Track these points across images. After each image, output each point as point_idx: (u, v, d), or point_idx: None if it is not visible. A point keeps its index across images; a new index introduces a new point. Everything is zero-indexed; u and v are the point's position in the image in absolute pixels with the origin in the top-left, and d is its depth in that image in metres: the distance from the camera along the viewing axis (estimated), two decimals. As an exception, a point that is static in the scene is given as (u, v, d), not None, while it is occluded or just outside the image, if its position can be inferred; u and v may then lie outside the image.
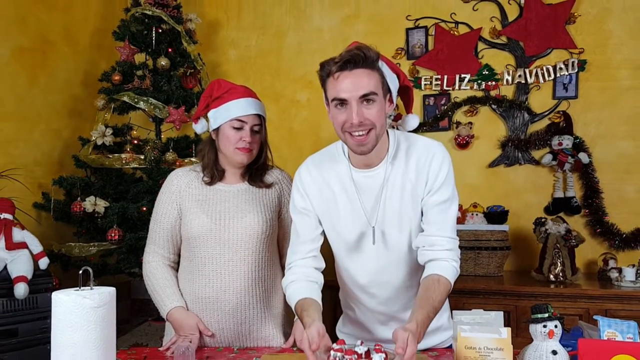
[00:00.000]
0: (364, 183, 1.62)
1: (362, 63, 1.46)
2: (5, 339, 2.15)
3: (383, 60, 1.54)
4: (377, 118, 1.48)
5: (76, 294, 1.22)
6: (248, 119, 1.83)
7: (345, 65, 1.45)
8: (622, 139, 3.08)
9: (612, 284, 2.69)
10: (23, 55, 2.92)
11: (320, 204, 1.66)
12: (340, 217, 1.64)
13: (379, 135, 1.52)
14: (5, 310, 2.16)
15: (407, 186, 1.60)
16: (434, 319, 1.57)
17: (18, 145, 2.88)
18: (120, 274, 2.89)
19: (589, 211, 3.07)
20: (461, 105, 3.28)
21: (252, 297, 1.86)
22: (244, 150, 1.82)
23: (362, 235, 1.63)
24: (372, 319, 1.74)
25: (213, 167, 1.91)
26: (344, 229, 1.64)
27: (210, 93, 1.89)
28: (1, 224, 2.21)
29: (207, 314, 1.85)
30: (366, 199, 1.62)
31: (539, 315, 1.39)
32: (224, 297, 1.84)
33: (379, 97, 1.48)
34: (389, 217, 1.60)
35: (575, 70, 3.12)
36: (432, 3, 3.36)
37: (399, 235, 1.61)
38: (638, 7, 3.05)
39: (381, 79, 1.50)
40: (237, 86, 1.89)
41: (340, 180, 1.64)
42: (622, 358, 1.31)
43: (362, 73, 1.46)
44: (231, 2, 3.70)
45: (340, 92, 1.47)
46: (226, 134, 1.83)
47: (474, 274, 2.95)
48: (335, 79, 1.48)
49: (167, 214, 1.90)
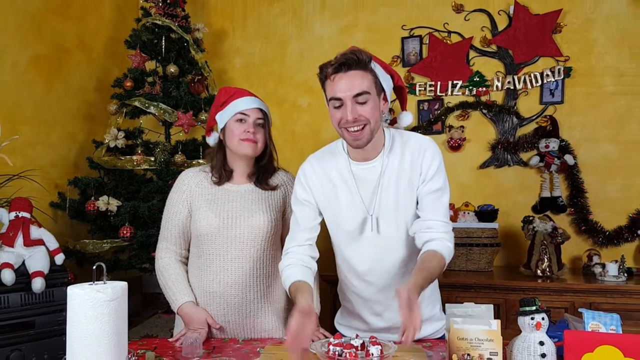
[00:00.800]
0: (362, 175, 1.66)
1: (356, 65, 1.52)
2: (23, 330, 2.14)
3: (377, 62, 1.59)
4: (370, 114, 1.53)
5: (90, 288, 1.23)
6: (251, 112, 1.84)
7: (340, 68, 1.52)
8: (605, 142, 3.08)
9: (596, 278, 2.69)
10: (40, 62, 2.92)
11: (321, 196, 1.70)
12: (341, 207, 1.68)
13: (373, 130, 1.57)
14: (23, 304, 2.16)
15: (403, 177, 1.64)
16: (428, 309, 1.67)
17: (35, 148, 2.88)
18: (132, 269, 2.89)
19: (574, 210, 3.07)
20: (453, 109, 3.28)
21: (257, 292, 1.86)
22: (248, 141, 1.82)
23: (361, 224, 1.66)
24: (368, 311, 1.75)
25: (221, 168, 1.91)
26: (344, 219, 1.68)
27: (217, 101, 1.91)
28: (19, 221, 2.21)
29: (214, 307, 1.85)
30: (364, 189, 1.66)
31: (527, 308, 1.39)
32: (230, 292, 1.84)
33: (372, 95, 1.54)
34: (386, 206, 1.64)
35: (561, 77, 3.12)
36: (426, 13, 3.36)
37: (395, 223, 1.65)
38: (620, 18, 3.06)
39: (374, 79, 1.55)
40: (240, 89, 1.92)
41: (340, 173, 1.68)
42: (606, 349, 1.31)
43: (356, 74, 1.52)
44: (237, 13, 3.70)
45: (336, 92, 1.53)
46: (231, 128, 1.84)
47: (466, 269, 2.95)
48: (332, 80, 1.54)
49: (178, 211, 1.90)
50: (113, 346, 1.22)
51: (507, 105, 3.21)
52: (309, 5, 3.56)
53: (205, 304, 1.86)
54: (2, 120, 2.63)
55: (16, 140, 2.63)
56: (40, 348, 2.18)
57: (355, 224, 1.67)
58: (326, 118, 1.83)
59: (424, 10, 3.36)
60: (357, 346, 1.30)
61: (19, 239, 2.18)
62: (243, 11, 3.68)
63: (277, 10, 3.62)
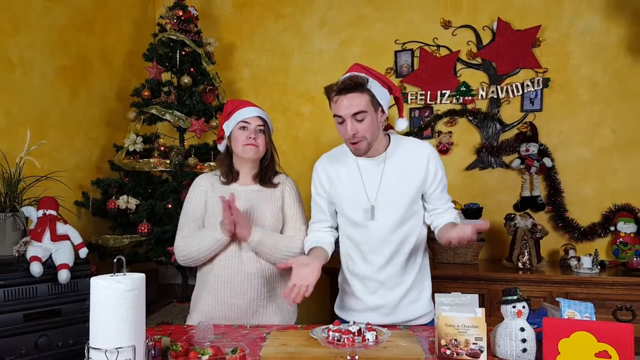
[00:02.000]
0: (367, 170, 1.78)
1: (353, 88, 1.63)
2: (50, 318, 2.15)
3: (375, 78, 1.69)
4: (366, 130, 1.67)
5: (111, 279, 1.23)
6: (252, 120, 1.90)
7: (340, 91, 1.64)
8: (580, 146, 3.08)
9: (571, 270, 2.69)
10: (65, 73, 2.93)
11: (331, 189, 1.83)
12: (348, 198, 1.79)
13: (370, 142, 1.70)
14: (50, 293, 2.16)
15: (402, 172, 1.75)
16: (417, 293, 1.81)
17: (61, 152, 2.89)
18: (149, 262, 2.89)
19: (552, 208, 3.07)
20: (442, 117, 3.28)
21: (261, 278, 1.88)
22: (250, 145, 1.87)
23: (364, 212, 1.76)
24: (365, 290, 1.81)
25: (228, 170, 1.96)
26: (350, 209, 1.78)
27: (224, 113, 1.97)
28: (47, 219, 2.21)
29: (224, 292, 1.86)
30: (368, 182, 1.76)
31: (509, 298, 1.39)
32: (237, 279, 1.86)
33: (368, 113, 1.66)
34: (387, 197, 1.74)
35: (540, 87, 3.12)
36: (417, 29, 3.36)
37: (394, 212, 1.74)
38: (594, 33, 3.06)
39: (371, 98, 1.66)
40: (243, 101, 2.00)
41: (347, 169, 1.80)
42: (580, 334, 1.31)
43: (354, 96, 1.64)
44: (245, 28, 3.70)
45: (338, 111, 1.66)
46: (235, 134, 1.90)
47: (453, 262, 2.95)
48: (335, 101, 1.66)
49: (196, 208, 1.94)
50: (132, 332, 1.22)
51: (491, 113, 3.21)
52: (310, 22, 3.57)
53: (216, 290, 1.87)
54: (31, 126, 2.64)
55: (44, 144, 2.64)
56: (65, 334, 2.19)
57: (360, 212, 1.76)
58: (326, 124, 1.86)
59: (415, 26, 3.37)
60: (354, 332, 1.30)
61: (46, 234, 2.19)
62: (250, 27, 3.68)
63: (281, 26, 3.62)
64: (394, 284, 1.77)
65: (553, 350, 1.34)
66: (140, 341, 1.25)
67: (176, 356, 1.32)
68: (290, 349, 1.45)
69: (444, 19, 3.31)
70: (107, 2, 3.30)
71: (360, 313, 1.79)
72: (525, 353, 1.36)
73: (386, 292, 1.77)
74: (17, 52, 2.63)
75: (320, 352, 1.40)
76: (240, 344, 1.38)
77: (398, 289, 1.77)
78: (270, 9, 3.63)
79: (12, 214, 2.27)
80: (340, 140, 1.74)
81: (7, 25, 2.58)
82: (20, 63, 2.65)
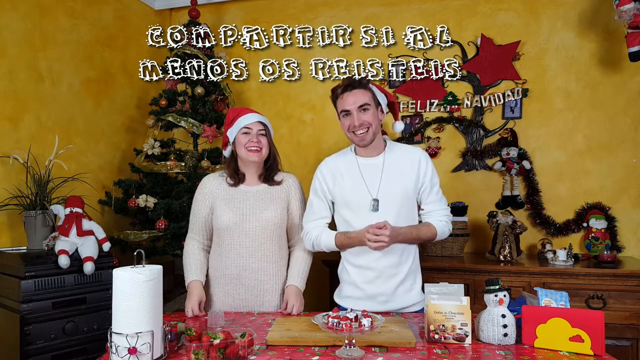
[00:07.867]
0: (367, 167, 1.79)
1: (358, 85, 1.72)
2: (77, 305, 2.15)
3: (373, 85, 1.76)
4: (371, 120, 1.71)
5: (132, 270, 1.23)
6: (253, 125, 1.87)
7: (346, 88, 1.70)
8: (555, 150, 3.08)
9: (548, 262, 2.69)
10: (90, 85, 2.94)
11: (334, 187, 1.82)
12: (351, 193, 1.79)
13: (375, 132, 1.73)
14: (76, 283, 2.17)
15: (400, 169, 1.77)
16: (410, 283, 1.79)
17: (87, 155, 2.90)
18: (166, 255, 2.90)
19: (530, 206, 3.07)
20: (431, 123, 3.28)
21: (266, 274, 1.86)
22: (253, 148, 1.84)
23: (365, 206, 1.76)
24: (363, 279, 1.79)
25: (234, 173, 1.92)
26: (353, 202, 1.78)
27: (227, 120, 1.94)
28: (73, 216, 2.22)
29: (232, 287, 1.86)
30: (369, 178, 1.77)
31: (491, 287, 1.39)
32: (244, 274, 1.85)
33: (372, 107, 1.71)
34: (386, 191, 1.75)
35: (520, 97, 3.12)
36: (409, 44, 3.35)
37: (392, 205, 1.75)
38: (569, 47, 3.06)
39: (372, 95, 1.72)
40: (244, 108, 1.97)
41: (349, 167, 1.81)
42: (556, 320, 1.31)
43: (359, 92, 1.70)
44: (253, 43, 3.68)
45: (345, 106, 1.71)
46: (239, 140, 1.87)
47: (441, 255, 2.94)
48: (342, 98, 1.71)
49: (202, 209, 1.91)
50: (151, 318, 1.22)
51: (475, 120, 3.20)
52: (311, 37, 3.56)
53: (224, 284, 1.87)
54: (59, 132, 2.65)
55: (70, 149, 2.64)
56: (90, 320, 2.19)
57: (361, 207, 1.76)
58: (326, 131, 1.84)
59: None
60: (351, 318, 1.30)
61: (73, 230, 2.20)
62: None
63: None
64: (391, 274, 1.76)
65: (531, 335, 1.34)
66: (158, 326, 1.25)
67: (191, 340, 1.32)
68: (294, 333, 1.45)
69: (433, 35, 3.30)
70: (128, 20, 3.30)
71: (359, 301, 1.77)
72: (506, 337, 1.36)
73: (384, 282, 1.76)
74: (46, 65, 2.63)
75: (320, 336, 1.40)
76: (249, 329, 1.38)
77: (394, 278, 1.76)
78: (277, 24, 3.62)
79: (42, 211, 2.28)
80: (338, 145, 1.75)
81: (37, 41, 2.58)
82: (49, 75, 2.65)
